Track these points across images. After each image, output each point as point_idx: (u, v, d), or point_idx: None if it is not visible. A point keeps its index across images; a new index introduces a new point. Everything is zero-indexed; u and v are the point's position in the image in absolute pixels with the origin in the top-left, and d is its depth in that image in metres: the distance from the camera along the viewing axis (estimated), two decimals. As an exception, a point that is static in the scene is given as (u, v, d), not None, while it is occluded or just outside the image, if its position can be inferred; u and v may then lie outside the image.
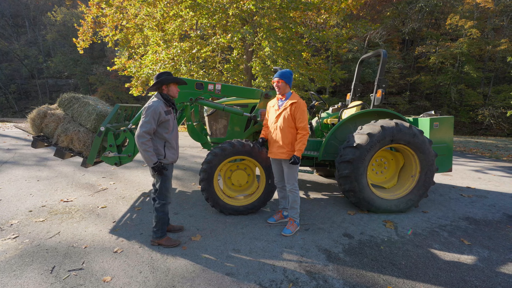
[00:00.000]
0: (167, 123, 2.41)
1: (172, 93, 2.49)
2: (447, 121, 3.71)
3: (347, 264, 2.31)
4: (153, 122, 2.31)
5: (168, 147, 2.47)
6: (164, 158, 2.44)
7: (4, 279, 2.02)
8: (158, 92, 2.47)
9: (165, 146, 2.46)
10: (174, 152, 2.55)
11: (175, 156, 2.56)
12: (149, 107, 2.33)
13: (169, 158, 2.48)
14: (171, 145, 2.49)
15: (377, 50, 3.88)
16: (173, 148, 2.53)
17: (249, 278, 2.09)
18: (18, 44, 28.58)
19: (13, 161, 5.72)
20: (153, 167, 2.33)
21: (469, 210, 3.59)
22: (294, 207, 2.83)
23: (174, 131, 2.52)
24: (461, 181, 5.01)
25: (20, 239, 2.60)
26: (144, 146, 2.28)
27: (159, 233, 2.52)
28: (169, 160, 2.49)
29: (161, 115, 2.34)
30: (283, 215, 3.14)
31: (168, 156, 2.47)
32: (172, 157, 2.52)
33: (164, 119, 2.37)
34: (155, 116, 2.31)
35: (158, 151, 2.42)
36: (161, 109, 2.35)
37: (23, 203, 3.50)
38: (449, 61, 20.50)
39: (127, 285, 1.99)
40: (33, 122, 3.49)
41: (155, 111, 2.31)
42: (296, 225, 2.85)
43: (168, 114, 2.42)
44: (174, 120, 2.53)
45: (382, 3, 22.78)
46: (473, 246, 2.64)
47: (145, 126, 2.28)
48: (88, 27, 12.20)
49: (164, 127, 2.41)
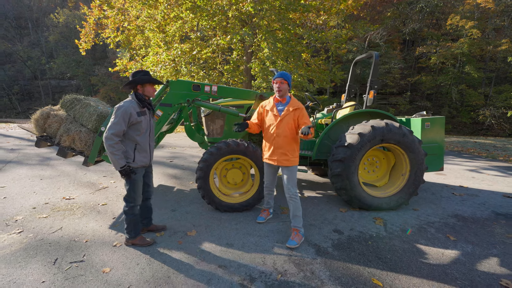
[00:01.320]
0: (139, 125, 2.32)
1: (147, 93, 2.41)
2: (438, 122, 3.81)
3: (334, 257, 2.42)
4: (122, 124, 2.21)
5: (138, 150, 2.38)
6: (133, 162, 2.34)
7: (10, 270, 2.15)
8: (133, 91, 2.40)
9: (136, 149, 2.36)
10: (146, 155, 2.45)
11: (146, 160, 2.46)
12: (119, 107, 2.24)
13: (138, 162, 2.38)
14: (142, 148, 2.40)
15: (369, 52, 3.99)
16: (145, 151, 2.43)
17: (240, 270, 2.21)
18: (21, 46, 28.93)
19: (17, 160, 5.88)
20: (120, 170, 2.25)
21: (458, 208, 3.69)
22: (297, 215, 2.66)
23: (147, 133, 2.43)
24: (454, 180, 5.10)
25: (24, 234, 2.73)
26: (111, 148, 2.17)
27: (132, 233, 2.50)
28: (138, 164, 2.38)
29: (132, 116, 2.25)
30: (270, 212, 3.21)
31: (138, 160, 2.38)
32: (142, 161, 2.42)
33: (135, 120, 2.28)
34: (125, 117, 2.22)
35: (127, 153, 2.32)
36: (132, 110, 2.26)
37: (27, 201, 3.64)
38: (450, 61, 20.51)
39: (125, 275, 2.11)
40: (36, 123, 3.63)
41: (126, 112, 2.22)
42: (301, 235, 2.66)
43: (142, 115, 2.34)
44: (149, 121, 2.45)
45: (382, 4, 22.83)
46: (458, 242, 2.74)
47: (114, 128, 2.18)
48: (90, 29, 12.38)
49: (135, 129, 2.32)
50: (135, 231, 2.52)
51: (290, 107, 2.61)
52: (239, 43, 9.65)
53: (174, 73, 10.57)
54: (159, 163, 6.07)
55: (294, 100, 2.66)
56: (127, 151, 2.35)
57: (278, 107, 2.68)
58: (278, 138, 2.63)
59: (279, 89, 2.61)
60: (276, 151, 2.66)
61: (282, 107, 2.65)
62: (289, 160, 2.63)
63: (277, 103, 2.71)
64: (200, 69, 11.31)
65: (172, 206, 3.57)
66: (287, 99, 2.67)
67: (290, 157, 2.63)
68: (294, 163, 2.65)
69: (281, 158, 2.64)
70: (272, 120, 2.69)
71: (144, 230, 2.77)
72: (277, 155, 2.66)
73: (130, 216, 2.47)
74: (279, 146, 2.64)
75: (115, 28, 12.34)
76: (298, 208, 2.67)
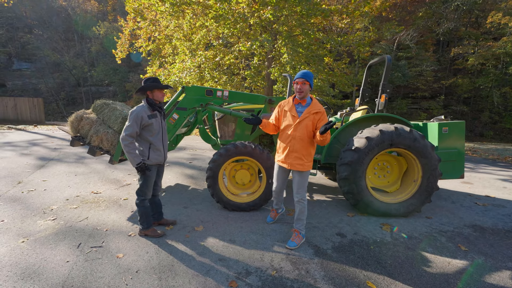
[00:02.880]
0: (151, 127, 2.58)
1: (157, 97, 2.64)
2: (457, 126, 3.65)
3: (332, 259, 2.45)
4: (135, 126, 2.49)
5: (153, 149, 2.64)
6: (148, 159, 2.61)
7: (43, 249, 2.50)
8: (144, 97, 2.66)
9: (150, 148, 2.63)
10: (160, 154, 2.70)
11: (160, 158, 2.71)
12: (132, 112, 2.52)
13: (152, 160, 2.64)
14: (156, 147, 2.65)
15: (382, 56, 3.94)
16: (159, 150, 2.68)
17: (238, 264, 2.34)
18: (68, 56, 32.15)
19: (58, 158, 6.61)
20: (136, 167, 2.51)
21: (478, 218, 3.47)
22: (301, 218, 2.67)
23: (159, 133, 2.68)
24: (481, 190, 4.75)
25: (57, 221, 3.13)
26: (127, 148, 2.46)
27: (145, 224, 2.74)
28: (152, 162, 2.64)
29: (143, 119, 2.52)
30: (278, 212, 3.20)
31: (152, 158, 2.63)
32: (156, 159, 2.67)
33: (147, 122, 2.54)
34: (137, 120, 2.49)
35: (143, 152, 2.60)
36: (143, 113, 2.52)
37: (62, 193, 4.12)
38: (490, 62, 18.87)
39: (135, 261, 2.35)
40: (72, 125, 4.11)
41: (137, 116, 2.50)
42: (301, 237, 2.69)
43: (153, 117, 2.59)
44: (161, 123, 2.70)
45: (413, 4, 21.78)
46: (469, 252, 2.61)
47: (128, 130, 2.47)
48: (125, 39, 13.48)
49: (148, 130, 2.59)
50: (147, 223, 2.78)
51: (311, 109, 2.49)
52: (260, 49, 9.89)
53: (198, 78, 11.10)
54: (179, 163, 6.44)
55: (315, 103, 2.53)
56: (143, 150, 2.63)
57: (297, 109, 2.57)
58: (294, 141, 2.54)
59: (300, 90, 2.48)
60: (290, 154, 2.56)
61: (301, 109, 2.55)
62: (303, 165, 2.54)
63: (297, 104, 2.59)
64: (223, 75, 11.74)
65: (185, 203, 3.82)
66: (308, 100, 2.55)
67: (305, 161, 2.54)
68: (308, 168, 2.58)
69: (295, 162, 2.55)
70: (290, 121, 2.57)
71: (155, 223, 3.03)
72: (291, 158, 2.56)
73: (142, 209, 2.73)
74: (294, 149, 2.54)
75: (147, 38, 13.31)
76: (303, 212, 2.65)
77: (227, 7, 9.38)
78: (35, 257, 2.37)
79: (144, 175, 2.63)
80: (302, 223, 2.69)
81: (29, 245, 2.58)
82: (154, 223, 3.01)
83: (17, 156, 6.63)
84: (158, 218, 3.04)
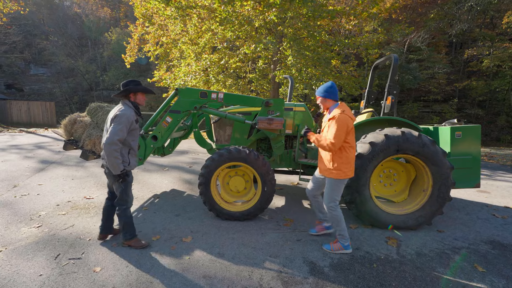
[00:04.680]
0: (135, 131, 2.47)
1: (139, 101, 2.53)
2: (472, 131, 3.33)
3: (329, 279, 2.20)
4: (125, 130, 2.32)
5: (132, 154, 2.53)
6: (128, 165, 2.48)
7: (18, 261, 2.36)
8: (126, 99, 2.49)
9: (129, 153, 2.50)
10: (136, 160, 2.65)
11: (136, 163, 2.66)
12: (122, 114, 2.33)
13: (132, 166, 2.53)
14: (134, 153, 2.57)
15: (388, 55, 3.68)
16: (136, 156, 2.63)
17: (223, 283, 2.12)
18: (81, 61, 33.05)
19: (59, 161, 6.59)
20: (120, 174, 2.37)
21: (497, 233, 3.12)
22: (335, 227, 2.63)
23: (137, 138, 2.59)
24: (500, 200, 4.36)
25: (41, 228, 3.00)
26: (115, 153, 2.28)
27: (128, 235, 2.57)
28: (132, 167, 2.53)
29: (132, 123, 2.40)
30: (325, 227, 2.97)
31: (132, 164, 2.53)
32: (134, 164, 2.59)
33: (134, 127, 2.43)
34: (128, 124, 2.34)
35: (124, 158, 2.43)
36: (132, 117, 2.40)
37: (54, 198, 4.02)
38: (507, 64, 18.06)
39: (112, 276, 2.17)
40: (65, 128, 4.02)
41: (128, 120, 2.34)
42: (340, 245, 2.60)
43: (137, 122, 2.49)
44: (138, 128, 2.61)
45: (424, 5, 21.21)
46: (488, 274, 2.29)
47: (119, 134, 2.28)
48: (134, 44, 13.67)
49: (132, 134, 2.46)
50: (130, 233, 2.60)
51: (328, 117, 2.60)
52: (265, 52, 9.73)
53: (203, 81, 11.03)
54: (178, 167, 6.29)
55: (335, 109, 2.56)
56: (123, 155, 2.45)
57: (324, 118, 2.75)
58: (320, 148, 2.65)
59: (320, 105, 2.70)
60: (321, 160, 2.69)
61: (326, 118, 2.70)
62: (330, 173, 2.53)
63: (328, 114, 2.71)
64: (229, 78, 11.63)
65: (177, 211, 3.63)
66: (330, 109, 2.63)
67: (332, 169, 2.51)
68: (335, 176, 2.49)
69: (323, 167, 2.63)
70: None
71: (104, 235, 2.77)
72: (321, 163, 2.67)
73: (123, 219, 2.56)
74: (323, 156, 2.65)
75: (154, 42, 13.42)
76: (336, 220, 2.57)
77: (231, 10, 9.29)
78: (7, 270, 2.23)
79: (125, 181, 2.47)
80: (338, 231, 2.61)
81: (6, 255, 2.44)
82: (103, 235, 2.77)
83: (20, 159, 6.65)
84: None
